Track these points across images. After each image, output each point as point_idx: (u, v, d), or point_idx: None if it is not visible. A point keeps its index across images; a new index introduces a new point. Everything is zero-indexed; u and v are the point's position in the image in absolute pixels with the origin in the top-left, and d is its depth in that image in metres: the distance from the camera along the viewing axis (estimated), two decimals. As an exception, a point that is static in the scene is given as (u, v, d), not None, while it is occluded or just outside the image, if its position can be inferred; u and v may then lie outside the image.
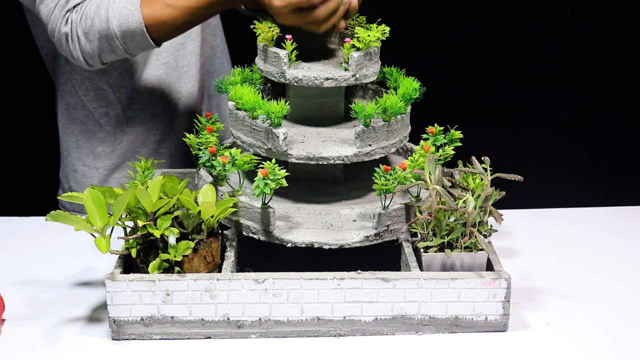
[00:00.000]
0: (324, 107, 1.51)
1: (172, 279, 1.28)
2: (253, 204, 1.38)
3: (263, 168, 1.33)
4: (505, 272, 1.32)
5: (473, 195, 1.34)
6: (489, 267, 1.35)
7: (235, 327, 1.31)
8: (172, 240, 1.28)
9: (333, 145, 1.42)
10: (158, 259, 1.29)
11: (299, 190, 1.50)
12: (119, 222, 1.30)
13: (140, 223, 1.28)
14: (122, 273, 1.30)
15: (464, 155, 1.49)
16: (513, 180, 1.38)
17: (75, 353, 1.28)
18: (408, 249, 1.39)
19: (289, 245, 1.38)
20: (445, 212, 1.35)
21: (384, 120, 1.41)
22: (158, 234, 1.27)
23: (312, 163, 1.39)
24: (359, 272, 1.30)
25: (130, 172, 1.49)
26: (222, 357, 1.28)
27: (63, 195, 1.32)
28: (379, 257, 1.44)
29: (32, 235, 1.65)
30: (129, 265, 1.34)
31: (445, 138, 1.51)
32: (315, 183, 1.53)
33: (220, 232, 1.40)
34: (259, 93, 1.45)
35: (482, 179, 1.41)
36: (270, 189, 1.32)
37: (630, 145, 2.60)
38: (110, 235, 1.28)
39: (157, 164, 1.80)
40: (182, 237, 1.32)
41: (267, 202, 1.37)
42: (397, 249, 1.43)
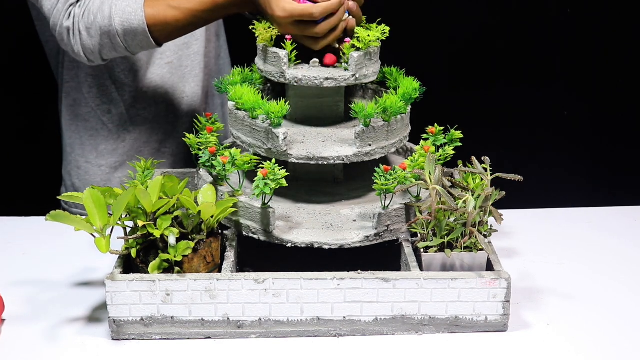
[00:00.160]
0: (324, 107, 1.51)
1: (172, 279, 1.28)
2: (253, 204, 1.38)
3: (263, 168, 1.33)
4: (506, 272, 1.32)
5: (473, 195, 1.34)
6: (489, 267, 1.35)
7: (235, 327, 1.31)
8: (172, 240, 1.28)
9: (333, 145, 1.42)
10: (158, 259, 1.29)
11: (299, 190, 1.50)
12: (119, 222, 1.30)
13: (140, 223, 1.28)
14: (122, 273, 1.30)
15: (464, 155, 1.49)
16: (513, 180, 1.38)
17: (75, 353, 1.28)
18: (408, 249, 1.39)
19: (289, 245, 1.38)
20: (445, 212, 1.35)
21: (384, 120, 1.41)
22: (158, 234, 1.27)
23: (312, 163, 1.39)
24: (359, 272, 1.30)
25: (130, 172, 1.49)
26: (222, 357, 1.28)
27: (63, 195, 1.32)
28: (379, 257, 1.44)
29: (32, 235, 1.65)
30: (129, 265, 1.34)
31: (445, 138, 1.51)
32: (315, 183, 1.53)
33: (220, 232, 1.40)
34: (259, 93, 1.46)
35: (482, 179, 1.41)
36: (270, 189, 1.32)
37: (630, 145, 2.60)
38: (110, 235, 1.28)
39: (159, 164, 1.81)
40: (182, 237, 1.32)
41: (267, 202, 1.37)
42: (397, 249, 1.43)
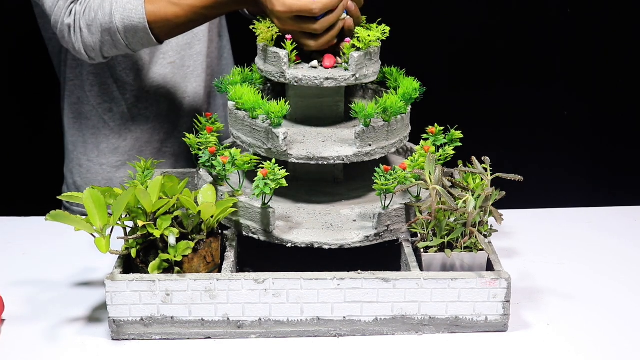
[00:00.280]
0: (324, 107, 1.51)
1: (172, 279, 1.28)
2: (253, 204, 1.38)
3: (263, 168, 1.33)
4: (506, 272, 1.32)
5: (473, 195, 1.34)
6: (489, 267, 1.35)
7: (235, 327, 1.31)
8: (172, 240, 1.28)
9: (333, 145, 1.42)
10: (158, 259, 1.29)
11: (299, 190, 1.50)
12: (119, 222, 1.30)
13: (140, 223, 1.28)
14: (122, 273, 1.30)
15: (464, 155, 1.49)
16: (513, 180, 1.38)
17: (75, 353, 1.28)
18: (408, 249, 1.39)
19: (289, 245, 1.37)
20: (446, 212, 1.35)
21: (384, 120, 1.41)
22: (158, 234, 1.27)
23: (312, 163, 1.39)
24: (359, 272, 1.30)
25: (130, 172, 1.49)
26: (222, 357, 1.28)
27: (63, 195, 1.32)
28: (379, 257, 1.44)
29: (32, 235, 1.65)
30: (129, 265, 1.34)
31: (445, 138, 1.51)
32: (315, 183, 1.53)
33: (220, 232, 1.40)
34: (259, 93, 1.45)
35: (482, 179, 1.41)
36: (270, 189, 1.32)
37: (630, 145, 2.60)
38: (110, 235, 1.28)
39: (160, 164, 1.81)
40: (182, 237, 1.32)
41: (267, 202, 1.37)
42: (397, 249, 1.43)
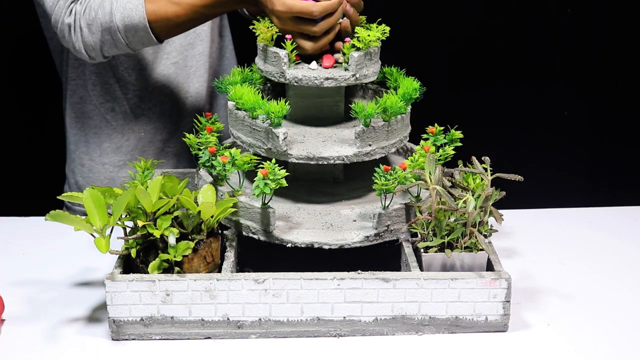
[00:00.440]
0: (324, 107, 1.51)
1: (172, 279, 1.28)
2: (253, 204, 1.38)
3: (263, 168, 1.33)
4: (506, 272, 1.32)
5: (473, 195, 1.34)
6: (489, 267, 1.35)
7: (235, 327, 1.31)
8: (172, 240, 1.28)
9: (333, 145, 1.42)
10: (158, 259, 1.29)
11: (299, 190, 1.50)
12: (119, 222, 1.30)
13: (140, 223, 1.28)
14: (121, 273, 1.30)
15: (464, 155, 1.49)
16: (513, 180, 1.38)
17: (75, 353, 1.28)
18: (408, 249, 1.39)
19: (289, 245, 1.37)
20: (446, 212, 1.35)
21: (384, 120, 1.41)
22: (158, 234, 1.27)
23: (312, 163, 1.39)
24: (359, 272, 1.30)
25: (130, 172, 1.49)
26: (222, 357, 1.28)
27: (63, 195, 1.32)
28: (379, 257, 1.44)
29: (32, 235, 1.65)
30: (129, 266, 1.34)
31: (445, 138, 1.51)
32: (315, 183, 1.53)
33: (220, 232, 1.40)
34: (259, 93, 1.45)
35: (482, 179, 1.41)
36: (270, 189, 1.32)
37: (630, 145, 2.60)
38: (110, 235, 1.28)
39: (161, 163, 1.81)
40: (182, 237, 1.32)
41: (267, 202, 1.37)
42: (397, 249, 1.43)
